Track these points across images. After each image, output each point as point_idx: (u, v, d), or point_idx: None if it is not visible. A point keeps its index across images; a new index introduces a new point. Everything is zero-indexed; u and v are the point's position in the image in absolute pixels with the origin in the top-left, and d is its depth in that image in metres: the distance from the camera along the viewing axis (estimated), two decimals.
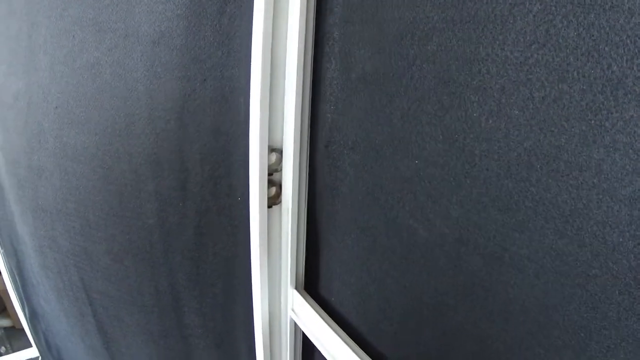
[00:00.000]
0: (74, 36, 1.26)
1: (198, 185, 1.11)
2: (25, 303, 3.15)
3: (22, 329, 3.51)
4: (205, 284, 1.27)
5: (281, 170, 0.88)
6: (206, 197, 1.11)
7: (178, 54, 1.00)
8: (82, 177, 1.46)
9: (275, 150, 0.87)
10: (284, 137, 0.86)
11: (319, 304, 0.95)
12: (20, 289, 3.10)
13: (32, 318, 3.15)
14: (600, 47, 0.41)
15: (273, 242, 0.95)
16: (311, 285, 0.99)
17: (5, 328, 4.01)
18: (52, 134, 1.51)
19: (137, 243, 1.39)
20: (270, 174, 0.86)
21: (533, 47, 0.47)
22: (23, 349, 3.63)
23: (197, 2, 0.92)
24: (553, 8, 0.44)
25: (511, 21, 0.49)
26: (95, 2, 1.16)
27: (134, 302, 1.59)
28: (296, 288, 0.98)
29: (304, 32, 0.77)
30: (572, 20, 0.43)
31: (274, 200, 0.90)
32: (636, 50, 0.39)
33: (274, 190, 0.89)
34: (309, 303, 0.94)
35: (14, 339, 3.98)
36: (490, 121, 0.53)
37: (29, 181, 1.66)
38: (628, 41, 0.39)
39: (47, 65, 1.40)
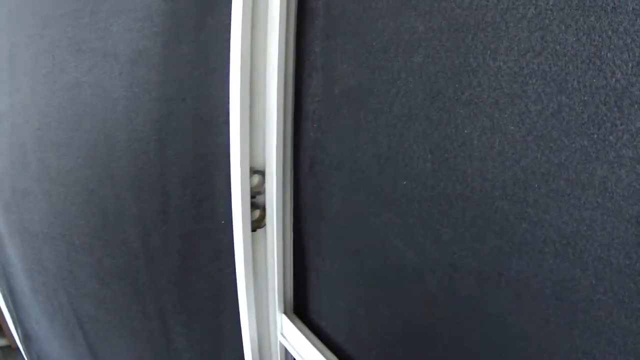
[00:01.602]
0: (53, 56, 1.24)
1: (179, 209, 1.09)
2: (18, 325, 3.13)
3: (18, 349, 3.49)
4: (191, 309, 1.26)
5: (265, 192, 0.85)
6: (188, 221, 1.09)
7: (156, 73, 0.97)
8: (66, 200, 1.45)
9: (258, 172, 0.86)
10: (266, 158, 0.85)
11: (308, 328, 0.94)
12: (13, 311, 3.08)
13: (25, 340, 3.13)
14: (603, 53, 0.39)
15: (259, 267, 0.94)
16: (300, 309, 0.98)
17: (2, 347, 4.00)
18: (35, 156, 1.50)
19: (123, 267, 1.38)
20: (253, 197, 0.84)
21: (528, 55, 0.45)
22: None
23: (174, 19, 0.90)
24: (549, 12, 0.42)
25: (503, 28, 0.46)
26: (73, 20, 1.14)
27: (123, 326, 1.58)
28: (285, 312, 0.97)
29: (284, 47, 0.76)
30: (570, 25, 0.41)
31: (258, 223, 0.88)
32: None
33: (257, 213, 0.88)
34: (298, 327, 0.94)
35: (11, 357, 3.97)
36: (483, 138, 0.51)
37: (15, 204, 1.67)
38: (633, 45, 0.37)
39: (28, 86, 1.38)
